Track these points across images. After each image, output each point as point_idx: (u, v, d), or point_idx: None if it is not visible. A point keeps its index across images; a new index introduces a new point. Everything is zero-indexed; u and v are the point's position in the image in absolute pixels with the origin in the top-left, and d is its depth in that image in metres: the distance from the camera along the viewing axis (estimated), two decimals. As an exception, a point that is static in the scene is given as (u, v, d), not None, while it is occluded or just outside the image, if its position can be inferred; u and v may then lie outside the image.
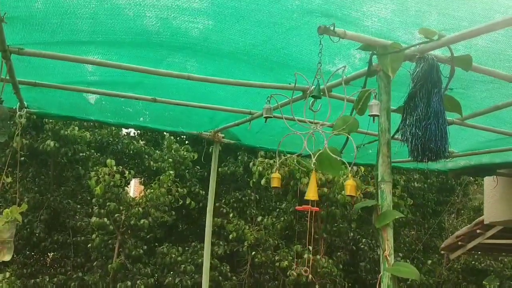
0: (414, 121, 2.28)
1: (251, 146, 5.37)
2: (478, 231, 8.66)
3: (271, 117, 2.96)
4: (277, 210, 10.43)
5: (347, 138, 2.85)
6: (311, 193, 2.52)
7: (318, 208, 6.70)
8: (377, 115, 2.25)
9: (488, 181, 8.87)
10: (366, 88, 2.49)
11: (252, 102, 3.85)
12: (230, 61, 3.09)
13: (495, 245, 9.07)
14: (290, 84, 3.15)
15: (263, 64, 3.12)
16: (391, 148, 2.29)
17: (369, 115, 2.28)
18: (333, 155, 2.49)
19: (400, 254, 11.67)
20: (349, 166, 2.47)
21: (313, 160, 2.47)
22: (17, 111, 3.91)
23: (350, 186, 2.36)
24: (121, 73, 3.50)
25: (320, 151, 2.49)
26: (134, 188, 15.60)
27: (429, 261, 11.56)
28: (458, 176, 12.35)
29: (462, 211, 15.10)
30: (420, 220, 13.73)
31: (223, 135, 4.86)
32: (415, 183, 12.30)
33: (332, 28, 2.20)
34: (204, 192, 10.35)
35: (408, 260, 11.39)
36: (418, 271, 2.31)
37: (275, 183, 2.77)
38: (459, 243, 9.20)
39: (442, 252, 10.79)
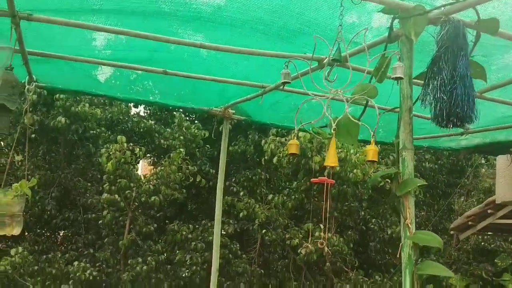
0: (438, 85, 2.20)
1: (262, 123, 5.24)
2: (489, 211, 8.64)
3: (288, 83, 2.86)
4: (287, 189, 10.38)
5: (366, 103, 2.76)
6: (331, 159, 2.40)
7: (333, 181, 6.66)
8: (401, 78, 2.15)
9: (501, 160, 8.79)
10: (387, 53, 2.41)
11: (265, 76, 3.76)
12: (245, 31, 3.00)
13: (506, 225, 9.04)
14: (306, 54, 3.07)
15: (280, 34, 3.01)
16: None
17: (392, 78, 2.17)
18: (352, 119, 2.40)
19: (410, 235, 11.58)
20: (371, 131, 2.32)
21: (333, 125, 2.37)
22: (26, 84, 3.88)
23: (372, 151, 2.24)
24: (131, 48, 3.51)
25: (338, 118, 2.42)
26: (142, 169, 15.65)
27: (440, 242, 11.44)
28: (470, 154, 12.26)
29: (473, 193, 14.98)
30: (430, 202, 13.65)
31: (233, 111, 4.77)
32: (427, 163, 12.18)
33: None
34: (214, 171, 10.32)
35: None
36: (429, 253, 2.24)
37: (293, 149, 2.67)
38: (469, 223, 9.15)
39: (452, 232, 10.75)
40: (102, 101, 10.09)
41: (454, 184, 13.75)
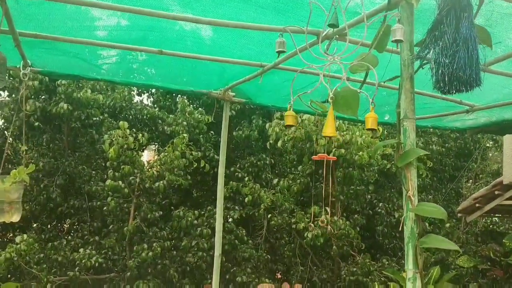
0: (440, 49, 2.11)
1: (263, 105, 5.23)
2: (496, 192, 8.54)
3: (283, 52, 2.76)
4: (293, 173, 10.30)
5: (366, 74, 2.68)
6: (329, 129, 2.33)
7: (335, 158, 6.56)
8: (401, 40, 2.09)
9: (509, 140, 8.66)
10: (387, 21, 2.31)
11: (264, 55, 3.67)
12: (238, 5, 2.92)
13: None
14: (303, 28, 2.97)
15: (275, 6, 2.91)
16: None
17: (392, 41, 2.11)
18: (352, 88, 2.31)
19: (418, 218, 11.50)
20: (370, 99, 2.23)
21: (331, 93, 2.29)
22: (21, 69, 3.82)
23: (371, 118, 2.18)
24: (126, 28, 3.42)
25: (335, 88, 2.33)
26: (147, 158, 15.61)
27: (447, 225, 11.38)
28: (477, 135, 12.11)
29: (480, 176, 14.83)
30: (438, 185, 13.53)
31: (233, 93, 4.71)
32: (434, 146, 12.03)
33: None
34: (218, 157, 10.18)
35: (426, 224, 11.24)
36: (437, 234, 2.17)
37: (290, 120, 2.59)
38: (477, 205, 9.04)
39: (459, 214, 10.67)
40: (104, 87, 10.00)
41: (462, 168, 13.61)
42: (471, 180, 14.59)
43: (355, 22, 2.70)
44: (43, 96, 9.51)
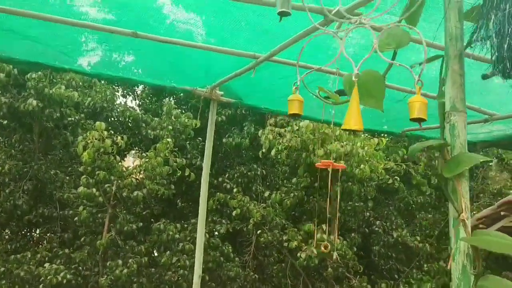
0: (501, 17, 1.56)
1: (254, 106, 4.75)
2: (502, 213, 7.99)
3: (288, 14, 2.00)
4: (286, 186, 9.48)
5: (394, 54, 2.04)
6: (353, 119, 1.68)
7: (343, 165, 5.76)
8: None
9: None
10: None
11: (259, 46, 3.24)
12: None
13: None
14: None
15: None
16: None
17: None
18: (375, 71, 1.81)
19: (418, 238, 10.76)
20: (416, 78, 1.70)
21: (355, 69, 1.72)
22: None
23: (418, 103, 1.68)
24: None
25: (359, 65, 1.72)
26: (132, 164, 14.78)
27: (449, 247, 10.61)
28: (488, 148, 11.48)
29: (481, 195, 14.20)
30: (436, 203, 12.86)
31: (221, 92, 4.28)
32: (437, 162, 11.31)
33: None
34: (206, 165, 9.39)
35: (426, 245, 10.48)
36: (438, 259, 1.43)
37: (295, 108, 1.98)
38: (480, 226, 8.41)
39: (462, 236, 10.00)
40: (81, 84, 9.11)
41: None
42: (471, 199, 13.95)
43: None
44: (12, 91, 8.55)
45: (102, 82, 9.85)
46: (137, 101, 12.19)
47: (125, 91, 11.75)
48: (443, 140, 1.67)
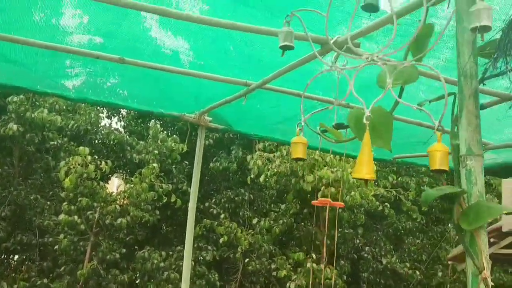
0: None
1: (244, 133, 4.61)
2: (491, 239, 8.00)
3: (291, 48, 1.91)
4: (274, 212, 9.28)
5: (401, 90, 1.87)
6: (365, 168, 1.52)
7: (342, 204, 5.60)
8: (488, 28, 1.40)
9: (508, 185, 8.16)
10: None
11: (250, 74, 3.15)
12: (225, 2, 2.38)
13: (509, 256, 8.35)
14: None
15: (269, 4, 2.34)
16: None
17: (471, 28, 1.43)
18: (384, 109, 1.70)
19: (407, 264, 10.62)
20: (436, 123, 1.55)
21: (366, 112, 1.56)
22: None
23: (440, 153, 1.52)
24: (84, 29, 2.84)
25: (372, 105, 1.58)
26: (117, 187, 14.47)
27: (440, 273, 10.51)
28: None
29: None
30: (424, 228, 12.78)
31: (210, 118, 4.17)
32: (426, 186, 11.23)
33: None
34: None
35: (417, 272, 10.33)
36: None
37: (299, 151, 1.83)
38: (468, 253, 8.37)
39: (450, 262, 10.01)
40: (64, 107, 8.85)
41: (449, 210, 12.84)
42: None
43: (381, 22, 2.12)
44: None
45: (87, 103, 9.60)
46: (123, 123, 11.97)
47: (110, 112, 11.53)
48: (459, 186, 1.52)
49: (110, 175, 10.30)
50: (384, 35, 2.44)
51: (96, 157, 8.08)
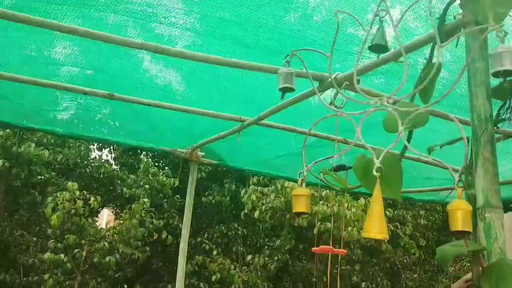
0: None
1: (238, 168, 4.55)
2: None
3: (292, 90, 1.74)
4: (269, 248, 9.00)
5: (410, 135, 1.75)
6: (377, 227, 1.32)
7: (344, 251, 5.38)
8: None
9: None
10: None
11: (243, 110, 3.10)
12: (222, 43, 2.30)
13: None
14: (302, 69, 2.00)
15: (268, 47, 2.26)
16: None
17: (494, 72, 1.30)
18: (393, 156, 1.55)
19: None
20: (455, 177, 1.39)
21: (377, 162, 1.38)
22: None
23: (462, 212, 1.30)
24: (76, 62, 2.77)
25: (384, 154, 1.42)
26: (106, 221, 14.17)
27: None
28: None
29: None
30: (420, 262, 12.51)
31: (202, 153, 4.13)
32: (422, 220, 11.03)
33: None
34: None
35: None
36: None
37: (302, 205, 1.58)
38: (468, 288, 8.05)
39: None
40: (53, 141, 8.63)
41: (445, 242, 12.62)
42: (455, 258, 13.65)
43: (381, 60, 2.00)
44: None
45: (76, 136, 9.39)
46: (113, 155, 11.74)
47: (100, 144, 11.31)
48: (478, 243, 1.36)
49: (100, 209, 10.02)
50: (381, 73, 2.34)
51: (85, 192, 7.81)
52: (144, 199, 8.08)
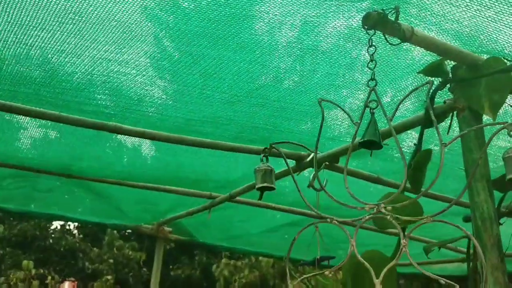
0: None
1: (210, 244, 4.47)
2: None
3: (272, 189, 1.42)
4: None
5: (404, 230, 1.53)
6: None
7: None
8: None
9: None
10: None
11: (215, 186, 3.01)
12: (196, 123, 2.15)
13: None
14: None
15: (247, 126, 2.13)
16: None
17: (508, 179, 1.11)
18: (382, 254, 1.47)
19: None
20: None
21: (375, 280, 1.14)
22: None
23: None
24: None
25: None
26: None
27: None
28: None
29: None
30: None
31: (170, 229, 4.02)
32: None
33: (392, 16, 1.25)
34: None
35: None
36: None
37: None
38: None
39: None
40: (9, 217, 8.09)
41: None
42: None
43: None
44: None
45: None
46: (77, 223, 11.17)
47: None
48: None
49: (59, 285, 9.35)
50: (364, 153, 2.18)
51: (42, 270, 7.22)
52: (108, 277, 7.51)
